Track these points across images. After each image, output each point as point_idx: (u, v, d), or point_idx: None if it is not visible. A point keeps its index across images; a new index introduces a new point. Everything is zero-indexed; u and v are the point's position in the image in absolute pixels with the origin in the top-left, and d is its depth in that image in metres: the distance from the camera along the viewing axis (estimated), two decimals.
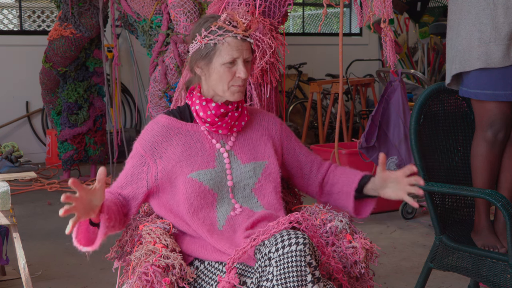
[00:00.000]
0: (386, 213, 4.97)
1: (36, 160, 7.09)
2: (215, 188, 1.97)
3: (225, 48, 1.96)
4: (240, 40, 1.96)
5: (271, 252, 1.70)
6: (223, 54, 1.96)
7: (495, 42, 2.44)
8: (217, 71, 1.97)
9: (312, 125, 8.06)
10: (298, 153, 2.17)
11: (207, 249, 1.92)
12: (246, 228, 1.92)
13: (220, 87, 1.99)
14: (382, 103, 3.77)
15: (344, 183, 2.11)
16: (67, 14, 5.76)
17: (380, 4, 2.51)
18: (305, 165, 2.17)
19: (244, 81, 1.99)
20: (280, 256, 1.68)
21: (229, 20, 1.99)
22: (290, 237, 1.70)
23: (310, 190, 2.21)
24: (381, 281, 3.46)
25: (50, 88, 6.19)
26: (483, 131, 2.54)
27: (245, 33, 1.98)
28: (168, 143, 1.99)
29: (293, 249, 1.68)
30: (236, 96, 1.99)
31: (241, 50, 1.96)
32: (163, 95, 3.95)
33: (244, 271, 1.82)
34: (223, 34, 1.96)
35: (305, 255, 1.69)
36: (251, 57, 2.03)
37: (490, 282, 2.38)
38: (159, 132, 2.01)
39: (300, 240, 1.70)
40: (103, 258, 2.07)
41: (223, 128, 2.02)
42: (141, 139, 2.02)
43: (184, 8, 3.66)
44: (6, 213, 3.00)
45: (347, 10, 9.52)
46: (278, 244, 1.70)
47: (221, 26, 1.97)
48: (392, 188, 1.96)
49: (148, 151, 1.98)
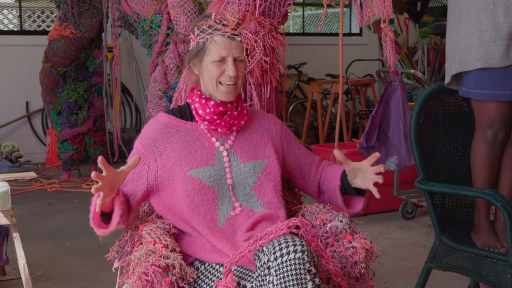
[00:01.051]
0: (386, 213, 4.97)
1: (36, 160, 7.10)
2: (215, 186, 1.97)
3: (213, 46, 1.98)
4: (228, 38, 1.98)
5: (270, 261, 1.70)
6: (212, 52, 1.98)
7: (495, 42, 2.44)
8: (207, 69, 2.00)
9: (312, 125, 8.06)
10: (298, 154, 2.18)
11: (206, 250, 1.92)
12: (247, 230, 1.92)
13: (210, 85, 2.01)
14: (382, 103, 3.77)
15: (331, 179, 2.14)
16: (67, 14, 5.76)
17: (380, 4, 2.51)
18: (304, 166, 2.19)
19: (235, 79, 1.99)
20: (279, 265, 1.68)
21: (220, 18, 2.01)
22: (288, 245, 1.69)
23: (309, 191, 2.23)
24: (381, 281, 3.46)
25: (50, 88, 6.19)
26: (483, 131, 2.54)
27: (233, 31, 1.99)
28: (168, 141, 2.00)
29: (291, 257, 1.68)
30: (226, 97, 2.00)
31: (230, 48, 1.98)
32: (163, 95, 3.95)
33: (244, 274, 1.82)
34: (212, 33, 1.98)
35: (304, 262, 1.68)
36: (243, 56, 2.03)
37: (490, 282, 2.38)
38: (159, 130, 2.02)
39: (298, 247, 1.69)
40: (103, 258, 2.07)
41: (222, 127, 2.02)
42: (141, 138, 2.03)
43: (184, 8, 3.66)
44: (6, 213, 3.00)
45: (347, 10, 9.51)
46: (277, 253, 1.69)
47: (211, 25, 1.99)
48: (361, 177, 1.99)
49: (148, 149, 1.99)
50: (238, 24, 2.03)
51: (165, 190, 1.99)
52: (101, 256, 2.09)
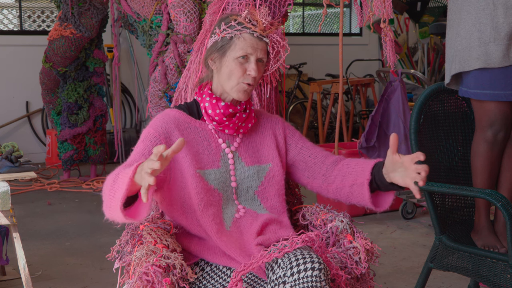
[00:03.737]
0: (386, 213, 4.97)
1: (36, 160, 7.10)
2: (220, 188, 1.97)
3: (241, 42, 1.96)
4: (256, 38, 1.97)
5: (286, 276, 1.69)
6: (237, 48, 1.96)
7: (494, 42, 2.44)
8: (228, 64, 1.97)
9: (312, 125, 8.06)
10: (301, 146, 2.12)
11: (215, 252, 1.91)
12: (257, 233, 1.91)
13: (228, 83, 1.98)
14: (382, 103, 3.78)
15: (357, 173, 1.97)
16: (67, 14, 5.76)
17: (380, 4, 2.51)
18: (308, 157, 2.10)
19: (254, 80, 1.98)
20: (295, 281, 1.67)
21: (250, 18, 2.00)
22: (306, 261, 1.69)
23: (315, 184, 2.08)
24: (381, 281, 3.46)
25: (50, 88, 6.19)
26: (483, 131, 2.54)
27: (262, 32, 1.99)
28: (180, 134, 1.97)
29: (308, 275, 1.67)
30: (242, 95, 1.98)
31: (256, 48, 1.97)
32: (163, 95, 3.95)
33: (255, 282, 1.81)
34: (241, 30, 1.97)
35: (321, 280, 1.67)
36: (265, 59, 2.02)
37: (490, 282, 2.38)
38: (171, 121, 1.98)
39: (315, 265, 1.68)
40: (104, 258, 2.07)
41: (230, 128, 2.01)
42: (153, 125, 1.97)
43: (184, 8, 3.66)
44: (6, 213, 3.00)
45: (347, 10, 9.51)
46: (294, 268, 1.68)
47: (240, 22, 1.98)
48: (401, 173, 1.81)
49: (162, 134, 1.95)
50: (267, 27, 2.02)
51: (177, 182, 1.95)
52: (101, 256, 2.08)
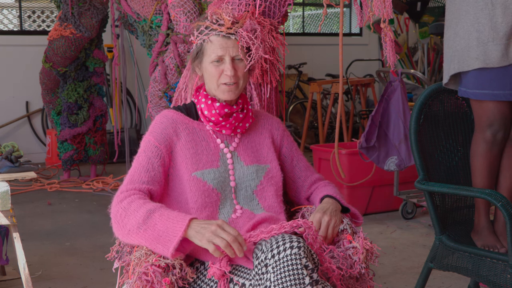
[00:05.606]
0: (386, 213, 4.97)
1: (36, 160, 7.10)
2: (218, 188, 1.97)
3: (210, 46, 1.98)
4: (223, 37, 1.98)
5: (267, 259, 1.70)
6: (209, 53, 1.98)
7: (493, 42, 2.44)
8: (206, 69, 2.01)
9: (312, 125, 8.06)
10: (295, 165, 2.16)
11: (208, 252, 1.91)
12: (247, 230, 1.92)
13: (211, 86, 2.01)
14: (382, 103, 3.77)
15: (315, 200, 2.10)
16: (67, 14, 5.76)
17: (380, 4, 2.51)
18: (298, 178, 2.16)
19: (235, 78, 1.98)
20: (276, 262, 1.68)
21: (216, 18, 2.01)
22: (285, 242, 1.70)
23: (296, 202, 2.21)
24: (381, 281, 3.46)
25: (50, 88, 6.19)
26: (482, 131, 2.54)
27: (228, 30, 1.98)
28: (178, 138, 1.99)
29: (287, 253, 1.68)
30: (227, 95, 2.00)
31: (226, 47, 1.97)
32: (163, 95, 3.95)
33: (242, 272, 1.82)
34: (208, 33, 1.99)
35: (301, 257, 1.68)
36: (244, 54, 2.02)
37: (490, 282, 2.38)
38: (169, 124, 2.00)
39: (294, 244, 1.69)
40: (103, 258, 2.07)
41: (227, 129, 2.02)
42: (152, 132, 2.00)
43: (184, 8, 3.66)
44: (6, 213, 3.00)
45: (347, 10, 9.51)
46: (274, 250, 1.70)
47: (208, 26, 2.00)
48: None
49: (162, 143, 1.97)
50: (234, 23, 2.02)
51: (175, 188, 1.98)
52: (101, 256, 2.09)
